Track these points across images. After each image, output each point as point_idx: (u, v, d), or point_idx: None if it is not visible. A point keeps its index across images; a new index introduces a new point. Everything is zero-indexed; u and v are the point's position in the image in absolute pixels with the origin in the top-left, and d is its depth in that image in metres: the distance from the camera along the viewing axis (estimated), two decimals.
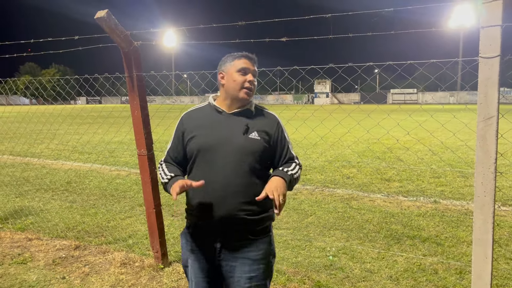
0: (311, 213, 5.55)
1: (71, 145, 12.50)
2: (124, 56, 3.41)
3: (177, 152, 2.20)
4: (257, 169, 2.06)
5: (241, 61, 2.11)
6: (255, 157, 2.05)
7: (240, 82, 2.09)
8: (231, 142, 2.04)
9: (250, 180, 2.03)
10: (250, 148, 2.04)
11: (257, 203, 2.00)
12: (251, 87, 2.10)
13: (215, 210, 2.01)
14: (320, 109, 5.49)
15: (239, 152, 2.03)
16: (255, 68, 2.14)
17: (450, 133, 4.76)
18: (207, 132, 2.09)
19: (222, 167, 2.02)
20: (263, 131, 2.10)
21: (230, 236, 2.07)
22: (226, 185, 2.00)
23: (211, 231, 2.08)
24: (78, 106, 27.27)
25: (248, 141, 2.05)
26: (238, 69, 2.10)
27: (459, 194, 6.38)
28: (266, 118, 2.18)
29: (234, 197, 2.00)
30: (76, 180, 7.69)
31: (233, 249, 2.07)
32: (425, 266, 3.87)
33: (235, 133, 2.06)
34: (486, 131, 2.34)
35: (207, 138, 2.07)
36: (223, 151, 2.03)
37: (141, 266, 3.86)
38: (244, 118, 2.13)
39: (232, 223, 2.03)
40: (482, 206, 2.44)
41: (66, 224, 5.09)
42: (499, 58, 2.27)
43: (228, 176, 2.01)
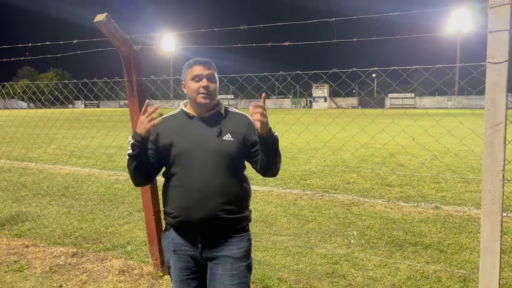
0: (312, 219, 5.49)
1: (69, 150, 12.42)
2: (123, 61, 3.36)
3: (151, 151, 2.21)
4: (233, 169, 2.14)
5: (193, 68, 2.17)
6: (231, 158, 2.12)
7: (195, 89, 2.15)
8: (206, 145, 2.10)
9: (228, 180, 2.11)
10: (225, 149, 2.11)
11: (235, 202, 2.13)
12: (206, 91, 2.13)
13: (195, 211, 2.07)
14: (317, 113, 5.45)
15: (214, 155, 2.09)
16: (210, 71, 2.17)
17: (449, 138, 4.72)
18: (182, 137, 2.14)
19: (200, 170, 2.08)
20: (236, 132, 2.16)
21: (211, 235, 2.14)
22: (205, 186, 2.07)
23: (192, 232, 2.15)
24: (77, 110, 27.18)
25: (223, 143, 2.11)
26: (192, 77, 2.17)
27: (460, 200, 6.33)
28: (237, 119, 2.24)
29: (213, 198, 2.07)
30: (74, 185, 7.62)
31: (214, 247, 2.15)
32: (428, 273, 3.82)
33: (209, 136, 2.13)
34: (494, 138, 2.29)
35: (183, 143, 2.12)
36: (199, 154, 2.09)
37: (140, 274, 3.79)
38: (216, 121, 2.19)
39: (212, 223, 2.09)
40: (490, 214, 2.38)
41: (63, 230, 5.02)
42: (507, 63, 2.23)
43: (206, 178, 2.07)
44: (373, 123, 4.45)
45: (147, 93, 5.28)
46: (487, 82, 2.28)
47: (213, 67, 2.20)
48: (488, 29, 2.24)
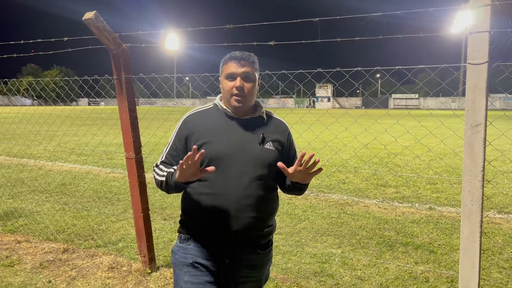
0: (305, 218, 5.50)
1: (69, 147, 12.48)
2: (112, 58, 3.38)
3: (178, 157, 1.98)
4: (269, 180, 1.97)
5: (228, 65, 1.95)
6: (270, 169, 1.94)
7: (228, 90, 1.93)
8: (246, 152, 1.90)
9: (263, 192, 1.93)
10: (266, 159, 1.93)
11: (268, 216, 1.98)
12: (239, 93, 1.90)
13: (228, 224, 1.88)
14: (320, 113, 5.45)
15: (255, 163, 1.90)
16: (245, 69, 1.92)
17: (446, 139, 4.72)
18: (219, 138, 1.92)
19: (237, 178, 1.88)
20: (276, 141, 2.00)
21: (240, 251, 1.97)
22: (242, 197, 1.87)
23: (219, 245, 1.95)
24: (78, 108, 27.31)
25: (264, 151, 1.93)
26: (226, 75, 1.95)
27: (454, 201, 6.33)
28: (277, 126, 2.07)
29: (249, 211, 1.88)
30: (72, 182, 7.66)
31: (240, 264, 1.99)
32: (416, 274, 3.82)
33: (251, 142, 1.93)
34: (474, 139, 2.30)
35: (221, 145, 1.90)
36: (238, 160, 1.89)
37: (129, 271, 3.82)
38: (257, 125, 1.99)
39: (245, 238, 1.93)
40: (469, 215, 2.39)
41: (56, 226, 5.05)
42: (487, 65, 2.23)
43: (245, 187, 1.88)
44: (376, 123, 4.45)
45: (148, 91, 5.32)
46: (467, 83, 2.28)
47: (250, 63, 1.94)
48: (469, 30, 2.25)
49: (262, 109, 2.05)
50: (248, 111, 2.01)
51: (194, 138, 1.94)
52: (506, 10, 2.27)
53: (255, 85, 1.97)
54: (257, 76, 1.99)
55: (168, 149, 2.02)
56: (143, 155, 3.64)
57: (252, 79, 1.95)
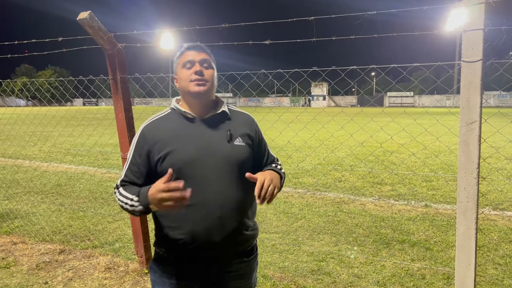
0: (301, 216, 5.51)
1: (64, 148, 12.43)
2: (107, 58, 3.37)
3: (140, 174, 1.80)
4: (245, 179, 1.77)
5: (184, 55, 1.83)
6: (244, 166, 1.80)
7: (186, 78, 1.79)
8: (216, 153, 1.76)
9: (242, 193, 1.79)
10: (238, 156, 1.79)
11: (251, 216, 1.87)
12: (199, 77, 1.77)
13: (214, 234, 1.73)
14: (316, 111, 5.43)
15: (227, 163, 1.76)
16: (203, 56, 1.82)
17: (442, 136, 4.75)
18: (184, 144, 1.76)
19: (213, 183, 1.74)
20: (245, 135, 1.87)
21: (227, 262, 1.85)
22: (223, 203, 1.74)
23: (204, 259, 1.80)
24: (73, 108, 27.22)
25: (235, 149, 1.78)
26: (183, 64, 1.82)
27: (450, 198, 6.36)
28: (243, 120, 1.92)
29: (233, 216, 1.76)
30: (67, 183, 7.63)
31: (228, 275, 1.86)
32: (413, 271, 3.84)
33: (218, 141, 1.79)
34: (469, 136, 2.31)
35: (187, 151, 1.74)
36: (210, 164, 1.74)
37: (126, 271, 3.81)
38: (222, 122, 1.85)
39: (232, 246, 1.81)
40: (465, 211, 2.40)
41: (52, 227, 5.03)
42: (481, 62, 2.24)
43: (223, 192, 1.74)
44: (372, 121, 4.46)
45: (143, 91, 5.31)
46: (462, 81, 2.30)
47: (207, 52, 1.85)
48: (463, 28, 2.26)
49: (223, 104, 1.90)
50: (209, 108, 1.86)
51: (156, 150, 1.76)
52: (499, 8, 2.29)
53: (214, 73, 1.85)
54: (215, 68, 1.88)
55: (128, 166, 1.83)
56: None
57: (211, 66, 1.84)
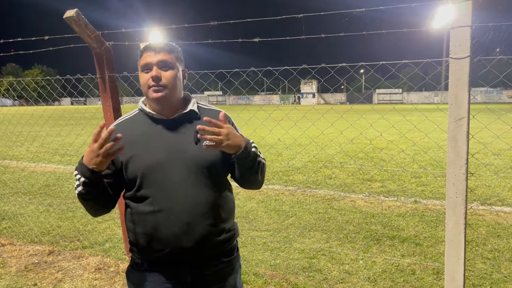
0: (292, 214, 5.52)
1: (52, 148, 12.29)
2: (95, 57, 3.33)
3: (108, 176, 1.73)
4: (217, 180, 1.77)
5: (143, 57, 1.73)
6: (214, 167, 1.73)
7: (145, 83, 1.71)
8: (183, 155, 1.69)
9: (214, 195, 1.73)
10: (207, 157, 1.71)
11: (225, 219, 1.77)
12: (155, 83, 1.68)
13: (183, 241, 1.67)
14: (306, 109, 5.42)
15: (196, 165, 1.69)
16: (162, 57, 1.71)
17: (430, 133, 4.80)
18: (149, 147, 1.70)
19: (180, 188, 1.67)
20: None
21: (202, 265, 1.78)
22: (191, 208, 1.67)
23: (178, 264, 1.74)
24: (61, 107, 26.92)
25: (203, 149, 1.63)
26: (142, 67, 1.73)
27: (439, 194, 6.42)
28: (214, 117, 1.72)
29: (202, 220, 1.69)
30: (56, 184, 7.55)
31: (206, 278, 1.79)
32: (403, 266, 3.87)
33: (185, 142, 1.71)
34: (457, 132, 2.33)
35: (152, 155, 1.68)
36: (176, 167, 1.68)
37: (116, 271, 3.78)
38: (189, 122, 1.76)
39: (204, 250, 1.73)
40: (454, 207, 2.43)
41: (41, 228, 4.98)
42: (469, 59, 2.26)
43: (190, 196, 1.68)
44: (362, 118, 4.48)
45: (132, 90, 5.25)
46: (450, 77, 2.31)
47: (166, 51, 1.73)
48: (451, 25, 2.28)
49: (193, 102, 1.82)
50: (175, 108, 1.78)
51: (120, 154, 1.66)
52: (486, 5, 2.31)
53: (176, 73, 1.74)
54: (180, 66, 1.78)
55: None
56: None
57: (171, 66, 1.72)
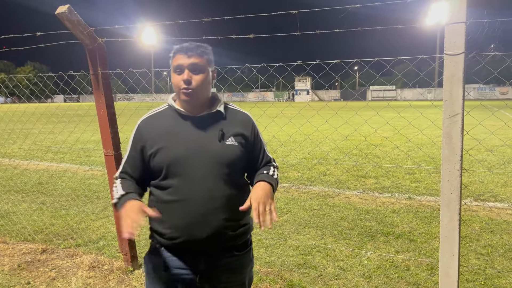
0: (287, 211, 5.52)
1: (45, 145, 12.20)
2: (88, 53, 3.30)
3: (135, 167, 1.89)
4: (236, 178, 1.87)
5: (175, 58, 1.82)
6: (234, 165, 1.84)
7: (176, 84, 1.81)
8: (206, 152, 1.79)
9: (231, 192, 1.82)
10: (228, 156, 1.81)
11: (239, 216, 1.85)
12: (186, 86, 1.77)
13: (197, 231, 1.77)
14: (301, 106, 5.39)
15: (216, 162, 1.79)
16: (193, 61, 1.78)
17: (425, 129, 4.81)
18: (175, 141, 1.81)
19: (200, 181, 1.77)
20: (239, 135, 1.88)
21: (215, 256, 1.87)
22: (207, 201, 1.77)
23: (193, 253, 1.85)
24: (54, 104, 26.71)
25: (225, 148, 1.80)
26: (174, 68, 1.83)
27: (433, 190, 6.45)
28: (239, 119, 1.94)
29: (217, 214, 1.78)
30: (49, 181, 7.49)
31: (218, 269, 1.89)
32: (397, 262, 3.88)
33: (209, 140, 1.82)
34: (452, 129, 2.33)
35: (177, 148, 1.79)
36: (200, 162, 1.78)
37: (110, 269, 3.76)
38: (215, 121, 1.87)
39: (217, 242, 1.83)
40: (448, 203, 2.43)
41: (34, 226, 4.93)
42: (463, 55, 2.26)
43: (209, 190, 1.78)
44: (356, 115, 4.48)
45: (125, 87, 5.22)
46: (444, 73, 2.31)
47: (198, 54, 1.80)
48: (445, 21, 2.27)
49: (220, 102, 1.92)
50: (203, 107, 1.88)
51: (148, 146, 1.83)
52: (481, 1, 2.31)
53: (205, 77, 1.83)
54: (210, 68, 1.86)
55: (127, 158, 1.93)
56: (122, 151, 3.58)
57: (201, 70, 1.80)
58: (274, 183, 1.87)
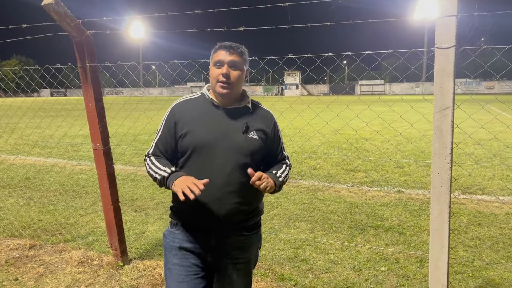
0: (277, 205, 5.53)
1: (32, 140, 12.03)
2: (75, 46, 3.25)
3: (168, 146, 2.05)
4: (253, 168, 1.98)
5: (217, 53, 2.01)
6: (253, 157, 2.01)
7: (214, 77, 1.99)
8: (230, 141, 1.97)
9: (246, 180, 1.94)
10: (249, 148, 1.99)
11: (251, 202, 2.04)
12: (225, 79, 1.96)
13: (211, 211, 1.95)
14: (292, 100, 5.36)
15: (238, 152, 1.97)
16: (233, 58, 1.98)
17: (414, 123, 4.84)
18: (204, 127, 1.98)
19: (219, 166, 1.94)
20: (261, 130, 2.06)
21: (226, 234, 2.04)
22: (225, 185, 1.94)
23: (206, 230, 2.03)
24: (40, 99, 26.31)
25: (248, 140, 1.99)
26: (214, 62, 2.01)
27: (421, 183, 6.51)
28: (263, 116, 2.13)
29: (231, 198, 1.96)
30: (36, 176, 7.39)
31: (227, 246, 2.05)
32: (387, 255, 3.91)
33: (234, 131, 1.99)
34: (442, 122, 2.34)
35: (205, 134, 1.97)
36: (221, 149, 1.95)
37: (100, 265, 3.73)
38: (242, 115, 2.05)
39: (229, 223, 2.00)
40: (438, 196, 2.45)
41: (21, 222, 4.86)
42: (454, 49, 2.26)
43: (227, 174, 1.95)
44: (348, 109, 4.48)
45: (114, 80, 5.15)
46: (435, 67, 2.32)
47: (238, 53, 2.00)
48: (437, 15, 2.27)
49: (248, 99, 2.10)
50: (234, 100, 2.06)
51: (179, 127, 2.00)
52: None
53: (241, 74, 2.01)
54: (245, 67, 2.06)
55: (158, 138, 2.08)
56: (111, 146, 3.54)
57: (239, 67, 2.00)
58: (277, 183, 2.03)
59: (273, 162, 2.17)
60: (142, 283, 3.43)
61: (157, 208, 5.45)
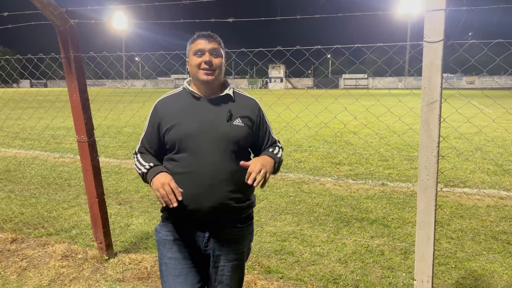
0: (263, 198, 5.53)
1: (12, 132, 11.78)
2: (59, 36, 3.17)
3: (152, 142, 2.09)
4: (241, 155, 2.03)
5: (196, 42, 2.04)
6: (239, 144, 2.02)
7: (196, 65, 2.02)
8: (215, 130, 1.98)
9: (236, 167, 1.96)
10: (234, 135, 2.00)
11: (243, 190, 2.02)
12: (207, 66, 1.99)
13: (203, 200, 1.95)
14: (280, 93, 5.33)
15: (224, 140, 1.98)
16: (213, 46, 2.02)
17: (402, 117, 4.90)
18: (188, 119, 2.00)
19: (208, 156, 1.96)
20: (246, 117, 2.07)
21: (219, 225, 2.05)
22: (214, 174, 1.95)
23: (198, 221, 2.03)
24: (22, 90, 25.75)
25: (233, 128, 2.01)
26: (194, 51, 2.03)
27: (405, 177, 6.60)
28: (246, 103, 2.14)
29: (222, 186, 1.96)
30: (17, 169, 7.24)
31: (221, 238, 2.06)
32: (372, 247, 3.96)
33: (218, 120, 2.01)
34: (430, 116, 2.36)
35: (189, 125, 1.99)
36: (207, 138, 1.97)
37: (84, 258, 3.68)
38: (225, 104, 2.06)
39: (221, 213, 2.00)
40: (425, 189, 2.48)
41: (2, 215, 4.77)
42: (442, 43, 2.28)
43: (215, 163, 1.96)
44: (336, 102, 4.49)
45: (99, 71, 5.05)
46: (423, 61, 2.33)
47: (216, 41, 2.05)
48: (425, 9, 2.28)
49: (229, 87, 2.11)
50: (215, 90, 2.08)
51: (164, 122, 2.03)
52: None
53: (222, 61, 2.06)
54: (223, 53, 2.09)
55: (144, 135, 2.13)
56: (96, 138, 3.48)
57: (219, 54, 2.04)
58: (276, 159, 2.06)
59: (264, 147, 2.19)
60: (128, 276, 3.40)
61: (142, 201, 5.40)
